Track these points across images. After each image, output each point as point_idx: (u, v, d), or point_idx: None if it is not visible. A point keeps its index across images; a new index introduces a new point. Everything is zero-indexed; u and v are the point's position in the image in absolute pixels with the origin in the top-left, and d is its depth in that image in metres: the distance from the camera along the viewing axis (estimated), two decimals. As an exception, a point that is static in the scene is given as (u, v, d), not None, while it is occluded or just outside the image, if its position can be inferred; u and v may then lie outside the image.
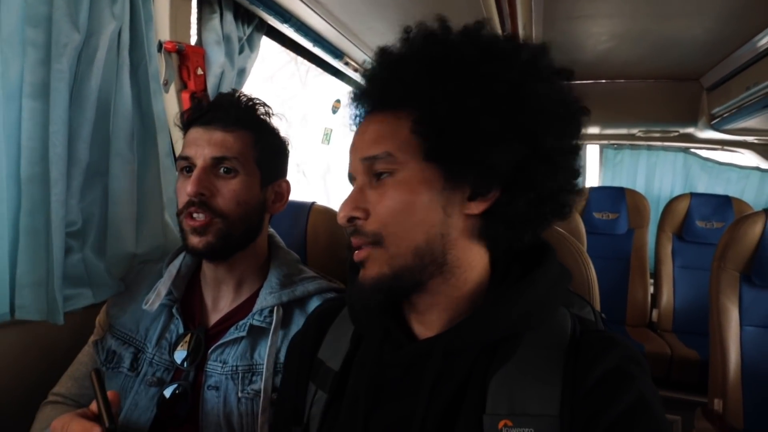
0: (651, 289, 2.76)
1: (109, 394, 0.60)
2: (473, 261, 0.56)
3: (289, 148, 0.94)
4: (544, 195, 0.53)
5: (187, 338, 0.82)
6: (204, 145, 0.79)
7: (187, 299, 0.88)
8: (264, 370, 0.79)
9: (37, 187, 0.80)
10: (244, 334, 0.81)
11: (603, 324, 0.69)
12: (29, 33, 0.77)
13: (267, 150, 0.85)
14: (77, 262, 0.90)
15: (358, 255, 0.55)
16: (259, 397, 0.78)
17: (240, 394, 0.78)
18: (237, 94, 0.86)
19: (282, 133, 0.92)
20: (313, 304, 0.85)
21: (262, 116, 0.87)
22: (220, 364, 0.80)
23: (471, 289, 0.56)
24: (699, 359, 2.24)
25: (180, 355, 0.81)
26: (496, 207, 0.53)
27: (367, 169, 0.55)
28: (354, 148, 0.58)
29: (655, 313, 2.68)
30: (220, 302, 0.87)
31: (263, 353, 0.80)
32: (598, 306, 0.86)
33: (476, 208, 0.53)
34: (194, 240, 0.78)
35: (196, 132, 0.81)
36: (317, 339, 0.68)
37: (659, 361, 2.31)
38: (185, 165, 0.80)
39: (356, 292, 0.57)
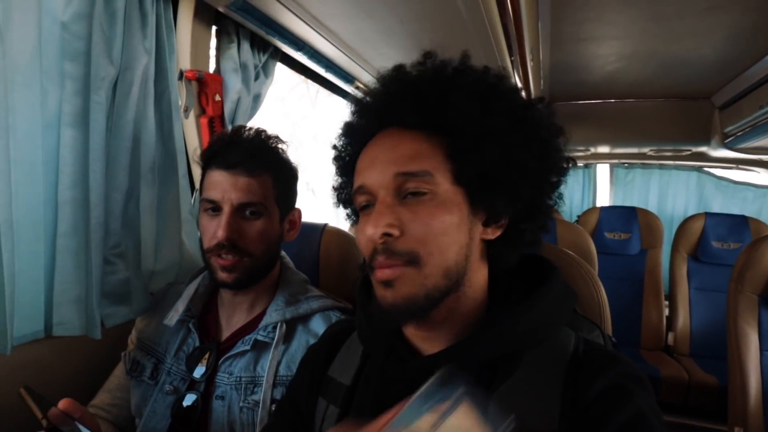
0: (666, 312, 2.70)
1: (63, 403, 0.60)
2: (479, 280, 0.58)
3: (298, 172, 0.97)
4: (544, 222, 0.59)
5: (207, 355, 0.88)
6: (230, 189, 0.82)
7: (204, 316, 0.95)
8: (264, 382, 0.83)
9: (72, 210, 0.86)
10: (248, 347, 0.86)
11: (614, 348, 0.69)
12: (67, 66, 0.84)
13: (284, 187, 0.89)
14: (122, 281, 0.96)
15: (385, 273, 0.53)
16: (259, 407, 0.82)
17: (242, 404, 0.83)
18: (257, 133, 0.89)
19: (292, 161, 0.94)
20: (316, 321, 0.90)
21: (278, 152, 0.90)
22: (227, 375, 0.86)
23: (473, 306, 0.57)
24: (718, 385, 2.16)
25: (200, 370, 0.87)
26: (505, 233, 0.57)
27: (398, 186, 0.54)
28: (380, 162, 0.55)
29: (670, 336, 2.60)
30: (233, 319, 0.93)
31: (265, 366, 0.85)
32: (609, 330, 0.85)
33: (492, 233, 0.57)
34: (223, 275, 0.85)
35: (220, 175, 0.84)
36: (329, 357, 0.69)
37: (676, 386, 2.24)
38: (210, 206, 0.84)
39: (382, 313, 0.55)
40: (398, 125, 0.57)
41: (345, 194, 0.67)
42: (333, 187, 0.70)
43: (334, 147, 0.67)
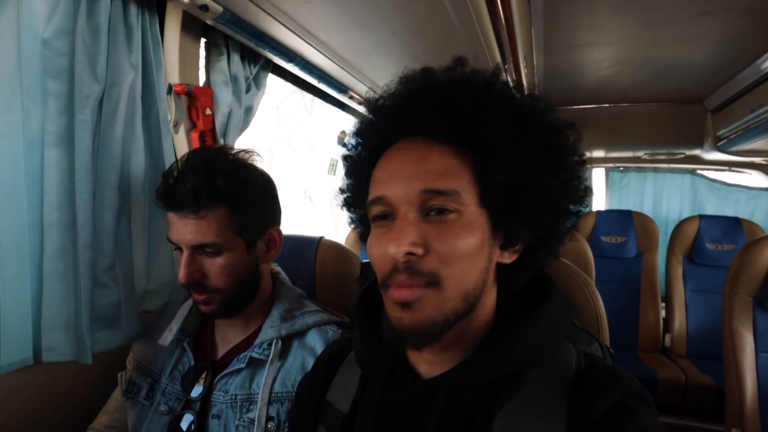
0: (663, 314, 2.71)
1: None
2: (490, 303, 0.57)
3: (273, 186, 0.92)
4: (557, 247, 0.57)
5: (204, 375, 0.87)
6: (182, 232, 0.79)
7: (200, 334, 0.94)
8: (259, 399, 0.82)
9: (59, 232, 0.83)
10: (243, 365, 0.85)
11: (612, 360, 0.68)
12: (50, 84, 0.81)
13: (245, 214, 0.83)
14: (113, 305, 0.94)
15: (404, 294, 0.50)
16: (254, 425, 0.80)
17: (237, 422, 0.82)
18: (209, 160, 0.81)
19: (263, 177, 0.88)
20: (312, 336, 0.88)
21: (235, 177, 0.82)
22: (223, 393, 0.84)
23: (481, 327, 0.56)
24: (715, 386, 2.17)
25: (197, 390, 0.86)
26: (520, 257, 0.56)
27: (422, 202, 0.51)
28: (404, 175, 0.52)
29: (667, 338, 2.61)
30: (228, 336, 0.92)
31: (261, 383, 0.83)
32: (607, 339, 0.85)
33: (509, 257, 0.56)
34: (202, 308, 0.84)
35: (172, 216, 0.81)
36: (326, 381, 0.68)
37: (673, 388, 2.25)
38: (174, 246, 0.83)
39: (396, 335, 0.53)
40: (426, 135, 0.53)
41: (352, 198, 0.64)
42: (340, 189, 0.66)
43: (344, 145, 0.64)
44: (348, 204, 0.65)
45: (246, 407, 0.83)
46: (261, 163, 0.90)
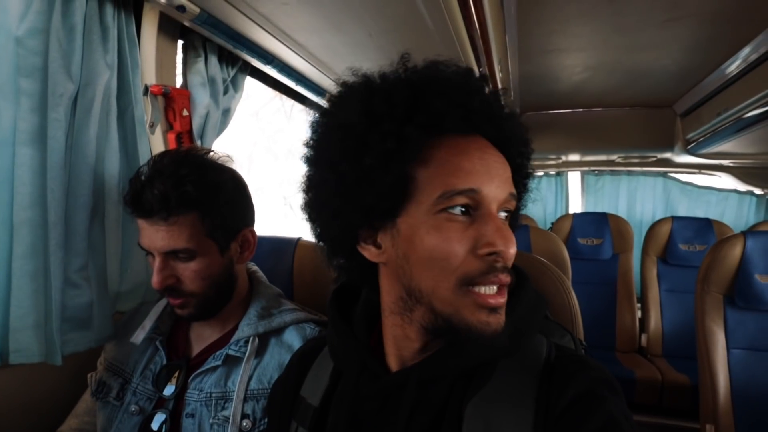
0: (639, 314, 2.77)
1: None
2: None
3: (244, 186, 0.90)
4: None
5: (177, 374, 0.85)
6: (153, 238, 0.78)
7: (174, 333, 0.93)
8: (234, 397, 0.81)
9: (29, 231, 0.82)
10: (219, 363, 0.84)
11: (585, 352, 0.69)
12: (22, 83, 0.80)
13: (217, 218, 0.81)
14: (86, 305, 0.92)
15: (498, 301, 0.51)
16: (229, 423, 0.80)
17: (212, 420, 0.81)
18: (178, 163, 0.79)
19: (234, 177, 0.87)
20: (290, 333, 0.88)
21: (204, 181, 0.80)
22: (197, 392, 0.83)
23: None
24: (690, 384, 2.21)
25: (170, 389, 0.84)
26: None
27: (504, 203, 0.53)
28: (497, 175, 0.53)
29: (644, 338, 2.66)
30: (204, 335, 0.91)
31: (236, 381, 0.83)
32: (581, 334, 0.87)
33: None
34: (178, 311, 0.84)
35: (141, 222, 0.79)
36: (299, 377, 0.68)
37: (650, 387, 2.29)
38: (145, 252, 0.82)
39: (485, 343, 0.51)
40: (484, 136, 0.55)
41: (347, 182, 0.52)
42: (336, 172, 0.52)
43: (343, 123, 0.53)
44: (335, 192, 0.54)
45: (221, 405, 0.82)
46: (232, 164, 0.89)
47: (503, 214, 0.54)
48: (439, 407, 0.54)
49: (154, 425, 0.82)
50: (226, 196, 0.83)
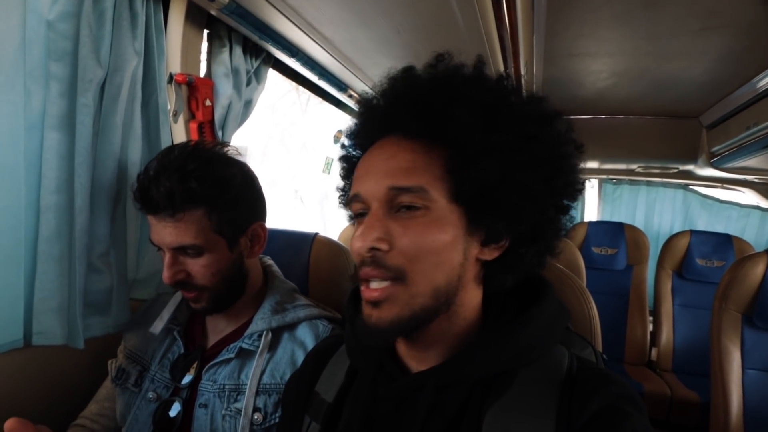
0: (650, 327, 2.73)
1: (9, 423, 0.56)
2: (472, 301, 0.57)
3: (254, 179, 0.90)
4: (547, 245, 0.56)
5: (195, 365, 0.87)
6: (162, 234, 0.79)
7: (191, 324, 0.95)
8: (247, 390, 0.82)
9: (55, 215, 0.82)
10: (233, 355, 0.85)
11: (605, 365, 0.68)
12: (52, 67, 0.80)
13: (224, 213, 0.81)
14: (106, 291, 0.93)
15: (372, 294, 0.52)
16: (240, 415, 0.81)
17: (224, 412, 0.82)
18: (185, 157, 0.79)
19: (243, 171, 0.87)
20: (303, 329, 0.89)
21: (211, 177, 0.80)
22: (211, 383, 0.85)
23: (466, 325, 0.56)
24: (700, 401, 2.19)
25: (187, 378, 0.87)
26: (504, 254, 0.55)
27: (391, 198, 0.52)
28: (375, 172, 0.53)
29: (654, 351, 2.63)
30: (219, 327, 0.92)
31: (249, 374, 0.84)
32: (599, 344, 0.85)
33: (489, 254, 0.55)
34: (192, 305, 0.85)
35: (150, 218, 0.80)
36: (315, 374, 0.68)
37: (659, 402, 2.26)
38: (156, 247, 0.83)
39: (366, 335, 0.53)
40: (400, 132, 0.54)
41: (346, 197, 0.65)
42: (337, 188, 0.68)
43: (343, 146, 0.65)
44: (345, 204, 0.65)
45: (233, 397, 0.83)
46: (243, 158, 0.89)
47: (414, 208, 0.51)
48: (456, 413, 0.53)
49: (172, 413, 0.84)
50: (234, 191, 0.83)
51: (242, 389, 0.83)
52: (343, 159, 0.65)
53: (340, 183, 0.67)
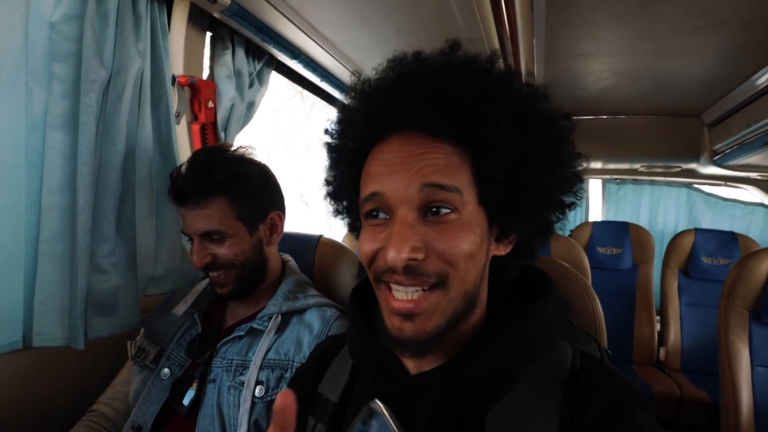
0: (657, 326, 2.70)
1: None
2: (484, 298, 0.57)
3: (270, 175, 0.97)
4: (547, 237, 0.58)
5: (213, 346, 0.93)
6: (190, 222, 0.88)
7: (210, 310, 1.02)
8: (252, 364, 0.87)
9: (57, 215, 0.83)
10: (243, 333, 0.92)
11: (609, 361, 0.67)
12: (55, 67, 0.82)
13: (244, 201, 0.91)
14: (112, 291, 0.94)
15: (406, 306, 0.49)
16: (244, 386, 0.86)
17: (229, 383, 0.88)
18: (208, 154, 0.90)
19: (258, 167, 0.95)
20: (311, 314, 0.95)
21: (231, 169, 0.89)
22: (221, 359, 0.91)
23: (474, 323, 0.56)
24: (709, 400, 2.16)
25: (203, 357, 0.93)
26: (514, 248, 0.56)
27: (423, 199, 0.48)
28: (403, 171, 0.49)
29: (662, 351, 2.60)
30: (236, 312, 1.00)
31: (256, 351, 0.90)
32: (605, 342, 0.85)
33: (503, 249, 0.56)
34: (219, 290, 0.94)
35: (182, 211, 0.90)
36: (318, 374, 0.68)
37: (668, 402, 2.24)
38: (188, 237, 0.91)
39: (396, 344, 0.51)
40: (420, 127, 0.49)
41: (337, 189, 0.62)
42: (325, 180, 0.63)
43: (327, 132, 0.61)
44: (332, 195, 0.63)
45: (239, 371, 0.89)
46: (258, 157, 0.97)
47: (446, 211, 0.49)
48: (460, 413, 0.52)
49: (186, 401, 0.88)
50: (251, 182, 0.92)
51: (248, 365, 0.89)
52: (335, 149, 0.60)
53: (328, 174, 0.63)
